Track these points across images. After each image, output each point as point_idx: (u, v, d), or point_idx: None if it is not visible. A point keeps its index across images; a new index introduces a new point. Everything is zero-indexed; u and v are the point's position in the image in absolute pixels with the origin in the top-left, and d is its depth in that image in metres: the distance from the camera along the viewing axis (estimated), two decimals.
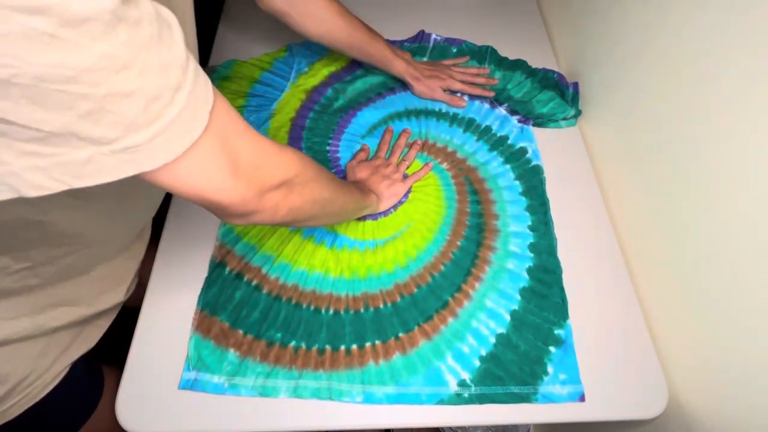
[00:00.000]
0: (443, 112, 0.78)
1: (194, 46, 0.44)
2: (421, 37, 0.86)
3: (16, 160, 0.23)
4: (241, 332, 0.56)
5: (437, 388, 0.54)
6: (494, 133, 0.76)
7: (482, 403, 0.54)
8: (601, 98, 0.73)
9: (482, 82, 0.80)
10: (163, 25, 0.26)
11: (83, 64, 0.22)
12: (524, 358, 0.56)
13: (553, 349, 0.57)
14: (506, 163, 0.73)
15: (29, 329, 0.46)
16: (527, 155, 0.73)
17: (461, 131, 0.76)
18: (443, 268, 0.62)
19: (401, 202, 0.67)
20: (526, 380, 0.55)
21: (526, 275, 0.62)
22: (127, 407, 0.51)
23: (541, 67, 0.83)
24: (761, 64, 0.42)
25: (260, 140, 0.35)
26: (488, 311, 0.59)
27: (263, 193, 0.36)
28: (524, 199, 0.69)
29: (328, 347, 0.56)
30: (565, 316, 0.59)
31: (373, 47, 0.72)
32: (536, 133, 0.76)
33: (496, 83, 0.81)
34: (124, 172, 0.26)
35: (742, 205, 0.46)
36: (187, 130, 0.28)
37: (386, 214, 0.66)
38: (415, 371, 0.55)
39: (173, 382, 0.53)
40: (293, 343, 0.56)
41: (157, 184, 0.29)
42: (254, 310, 0.57)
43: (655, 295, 0.60)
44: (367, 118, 0.77)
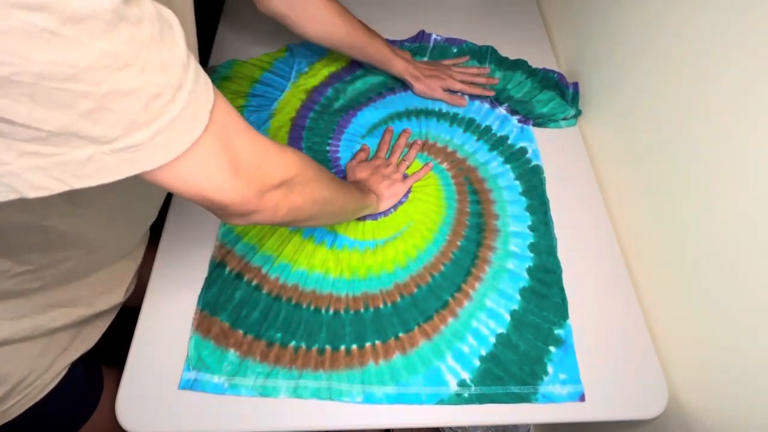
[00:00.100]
0: (443, 112, 0.78)
1: (194, 46, 0.44)
2: (421, 37, 0.86)
3: (16, 160, 0.23)
4: (241, 332, 0.56)
5: (437, 388, 0.54)
6: (494, 133, 0.76)
7: (482, 403, 0.54)
8: (601, 98, 0.73)
9: (482, 81, 0.80)
10: (164, 24, 0.26)
11: (84, 61, 0.22)
12: (524, 358, 0.56)
13: (553, 349, 0.57)
14: (506, 163, 0.73)
15: (29, 330, 0.46)
16: (527, 155, 0.73)
17: (461, 131, 0.76)
18: (443, 268, 0.62)
19: (401, 202, 0.67)
20: (526, 380, 0.55)
21: (526, 275, 0.62)
22: (127, 407, 0.51)
23: (541, 67, 0.83)
24: (761, 64, 0.42)
25: (260, 140, 0.36)
26: (488, 311, 0.59)
27: (263, 192, 0.36)
28: (524, 199, 0.69)
29: (328, 347, 0.56)
30: (565, 316, 0.59)
31: (373, 47, 0.72)
32: (536, 133, 0.76)
33: (496, 83, 0.81)
34: (124, 171, 0.26)
35: (742, 205, 0.46)
36: (187, 129, 0.28)
37: (386, 214, 0.66)
38: (415, 371, 0.55)
39: (173, 382, 0.53)
40: (293, 343, 0.56)
41: (157, 183, 0.29)
42: (254, 310, 0.57)
43: (655, 295, 0.60)
44: (367, 118, 0.77)
